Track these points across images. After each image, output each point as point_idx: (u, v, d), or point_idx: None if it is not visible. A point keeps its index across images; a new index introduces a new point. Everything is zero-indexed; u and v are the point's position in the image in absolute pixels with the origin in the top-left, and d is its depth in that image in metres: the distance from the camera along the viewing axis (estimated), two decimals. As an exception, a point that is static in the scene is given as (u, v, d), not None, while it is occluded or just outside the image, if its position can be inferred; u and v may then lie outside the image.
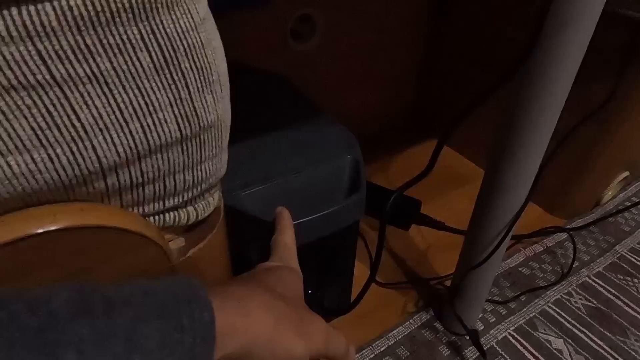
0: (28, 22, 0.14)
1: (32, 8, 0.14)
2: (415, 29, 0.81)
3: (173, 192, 0.21)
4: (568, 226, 0.72)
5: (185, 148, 0.20)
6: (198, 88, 0.19)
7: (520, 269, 0.65)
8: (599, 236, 0.71)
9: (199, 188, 0.22)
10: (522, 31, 0.36)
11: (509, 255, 0.67)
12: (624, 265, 0.67)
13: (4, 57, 0.14)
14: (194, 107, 0.19)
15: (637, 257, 0.68)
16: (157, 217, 0.21)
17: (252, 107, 0.51)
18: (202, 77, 0.19)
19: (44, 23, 0.14)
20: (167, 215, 0.22)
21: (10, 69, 0.14)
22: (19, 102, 0.15)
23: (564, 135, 0.45)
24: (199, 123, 0.20)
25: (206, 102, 0.20)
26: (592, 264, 0.66)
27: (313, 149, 0.45)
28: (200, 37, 0.18)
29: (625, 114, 0.60)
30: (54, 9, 0.14)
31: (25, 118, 0.15)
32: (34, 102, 0.15)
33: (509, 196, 0.45)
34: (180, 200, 0.22)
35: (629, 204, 0.77)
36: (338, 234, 0.43)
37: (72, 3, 0.15)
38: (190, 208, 0.22)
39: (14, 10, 0.14)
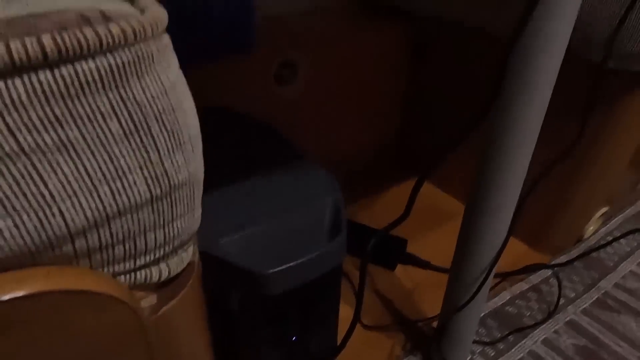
0: None
1: (1, 84, 0.15)
2: (397, 70, 0.84)
3: (144, 250, 0.21)
4: (552, 262, 0.72)
5: (155, 208, 0.20)
6: (168, 149, 0.19)
7: (507, 308, 0.65)
8: (584, 272, 0.72)
9: (171, 245, 0.22)
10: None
11: (495, 293, 0.67)
12: (609, 301, 0.67)
13: (-28, 132, 0.15)
14: (165, 168, 0.19)
15: (621, 293, 0.68)
16: (128, 276, 0.21)
17: (233, 152, 0.52)
18: (172, 139, 0.20)
19: (12, 97, 0.15)
20: (138, 273, 0.21)
21: (-22, 142, 0.15)
22: (-14, 174, 0.15)
23: (540, 173, 0.47)
24: (169, 183, 0.20)
25: (177, 162, 0.20)
26: (577, 301, 0.66)
27: (294, 193, 0.46)
28: (170, 102, 0.19)
29: (597, 152, 0.62)
30: (23, 83, 0.15)
31: (-8, 188, 0.15)
32: (1, 172, 0.15)
33: (489, 233, 0.46)
34: (152, 258, 0.22)
35: (611, 238, 0.78)
36: (320, 278, 0.43)
37: (41, 78, 0.15)
38: (162, 265, 0.22)
39: (-16, 88, 0.14)
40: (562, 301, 0.66)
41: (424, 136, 0.89)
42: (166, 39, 0.19)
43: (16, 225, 0.16)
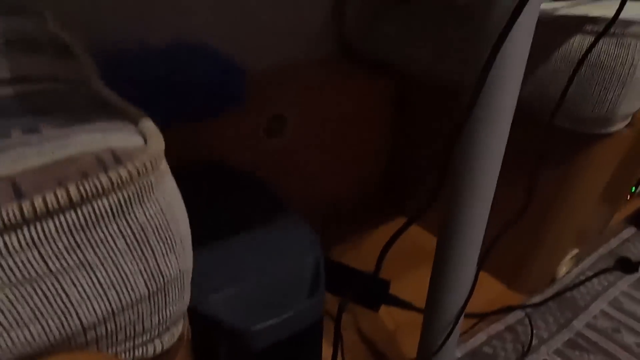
0: (35, 237, 0.19)
1: (38, 225, 0.19)
2: (381, 119, 0.90)
3: (142, 332, 0.25)
4: (527, 303, 0.76)
5: (152, 300, 0.25)
6: (163, 254, 0.24)
7: (483, 348, 0.69)
8: (557, 312, 0.76)
9: (164, 325, 0.27)
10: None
11: (472, 334, 0.71)
12: (581, 341, 0.70)
13: (15, 263, 0.19)
14: (160, 269, 0.24)
15: (592, 333, 0.72)
16: (127, 353, 0.26)
17: (219, 206, 0.56)
18: (167, 246, 0.24)
19: (46, 234, 0.20)
20: (136, 350, 0.26)
21: (19, 269, 0.19)
22: (23, 292, 0.20)
23: (510, 220, 0.51)
24: (163, 280, 0.25)
25: (170, 262, 0.25)
26: (550, 341, 0.70)
27: (277, 249, 0.50)
28: (166, 217, 0.24)
29: (561, 201, 0.67)
30: (54, 223, 0.20)
31: (26, 302, 0.20)
32: (34, 289, 0.20)
33: (457, 279, 0.50)
34: (148, 337, 0.26)
35: (584, 277, 0.82)
36: (302, 330, 0.47)
37: (67, 216, 0.20)
38: (157, 341, 0.27)
39: (25, 229, 0.19)
40: (535, 341, 0.70)
41: (409, 179, 0.94)
42: (164, 165, 0.24)
43: (42, 328, 0.21)
